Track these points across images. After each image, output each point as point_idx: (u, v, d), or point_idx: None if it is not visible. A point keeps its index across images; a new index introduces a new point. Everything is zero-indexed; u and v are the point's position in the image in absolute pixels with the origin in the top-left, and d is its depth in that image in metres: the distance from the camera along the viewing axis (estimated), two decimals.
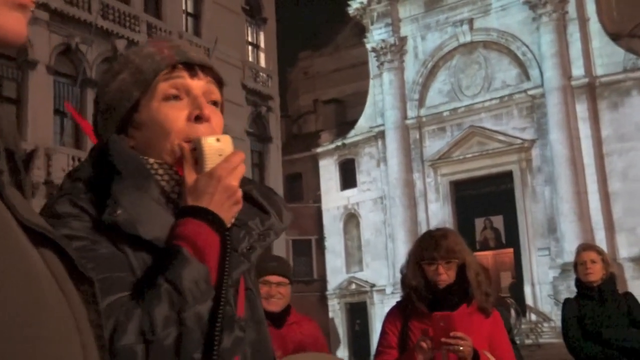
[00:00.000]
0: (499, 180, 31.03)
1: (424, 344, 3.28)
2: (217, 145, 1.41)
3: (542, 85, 29.57)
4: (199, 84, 1.50)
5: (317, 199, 36.14)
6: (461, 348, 3.24)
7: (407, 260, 3.67)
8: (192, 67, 1.51)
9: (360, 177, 34.85)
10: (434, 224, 30.83)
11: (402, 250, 31.58)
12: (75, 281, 0.84)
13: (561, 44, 29.42)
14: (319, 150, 36.36)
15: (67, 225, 1.34)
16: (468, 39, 32.16)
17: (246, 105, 30.91)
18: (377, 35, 34.40)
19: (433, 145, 32.65)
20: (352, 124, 36.52)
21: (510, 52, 31.06)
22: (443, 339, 3.24)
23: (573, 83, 28.95)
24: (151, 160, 1.46)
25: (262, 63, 32.87)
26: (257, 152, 31.66)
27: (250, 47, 32.37)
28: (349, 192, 34.97)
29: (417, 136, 33.05)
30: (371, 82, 35.09)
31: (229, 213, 1.39)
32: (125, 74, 1.51)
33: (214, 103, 1.53)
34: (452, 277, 3.53)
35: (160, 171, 1.46)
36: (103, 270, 1.29)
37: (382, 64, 34.08)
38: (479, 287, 3.55)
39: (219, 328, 1.28)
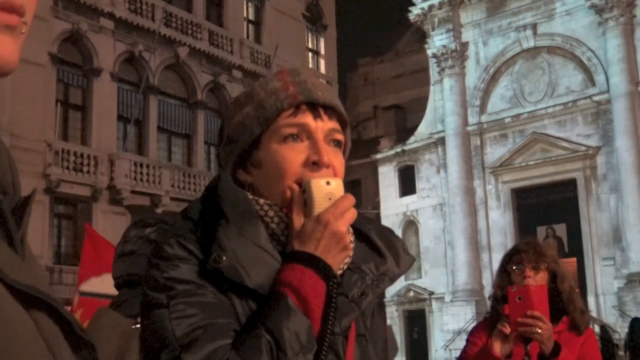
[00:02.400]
0: (562, 188, 30.36)
1: (503, 329, 2.85)
2: (327, 189, 1.36)
3: (608, 91, 28.85)
4: (321, 126, 1.45)
5: (376, 206, 35.99)
6: (539, 330, 2.79)
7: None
8: (315, 108, 1.45)
9: (419, 184, 34.56)
10: (494, 231, 30.43)
11: (461, 258, 31.23)
12: (75, 346, 0.79)
13: (628, 49, 28.66)
14: (379, 156, 36.18)
15: (175, 268, 1.34)
16: (531, 44, 31.60)
17: None
18: (438, 41, 34.09)
19: (494, 152, 32.17)
20: (412, 130, 36.26)
21: (575, 57, 30.40)
22: (519, 319, 2.79)
23: None
24: (261, 201, 1.43)
25: (322, 69, 32.96)
26: None
27: (310, 54, 32.51)
28: (408, 199, 34.71)
29: (478, 143, 32.62)
30: (432, 88, 34.78)
31: (336, 259, 1.35)
32: (249, 108, 1.47)
33: (336, 143, 1.47)
34: None
35: (271, 213, 1.42)
36: (207, 316, 1.28)
37: (442, 69, 33.76)
38: (572, 301, 3.22)
39: None
